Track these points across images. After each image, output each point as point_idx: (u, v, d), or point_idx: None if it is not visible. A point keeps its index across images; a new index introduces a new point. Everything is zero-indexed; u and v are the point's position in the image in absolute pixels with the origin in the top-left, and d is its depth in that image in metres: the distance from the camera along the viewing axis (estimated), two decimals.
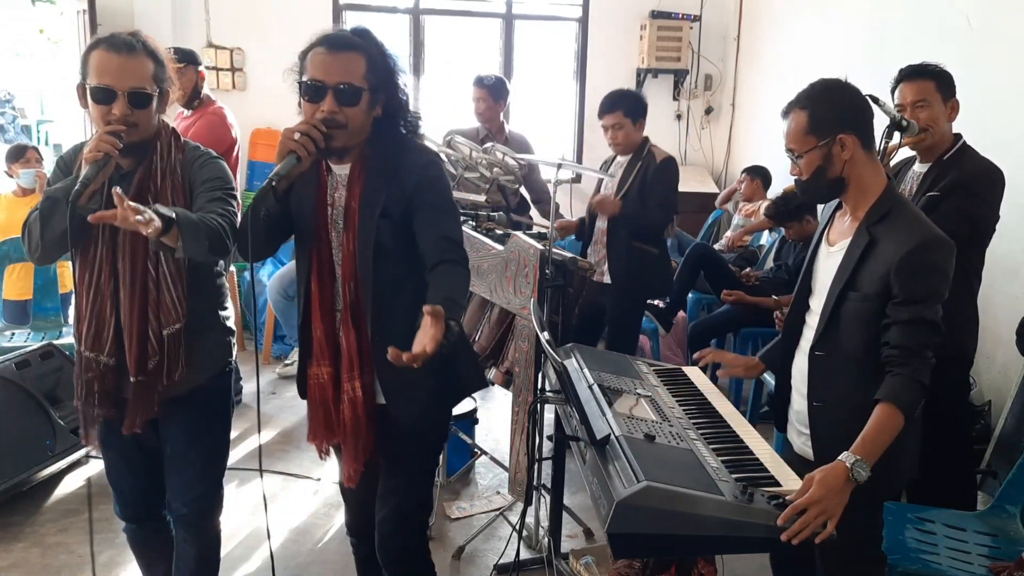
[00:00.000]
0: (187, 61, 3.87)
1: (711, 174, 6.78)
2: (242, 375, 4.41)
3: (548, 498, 2.99)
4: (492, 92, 4.53)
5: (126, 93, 1.92)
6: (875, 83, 2.64)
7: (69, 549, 3.05)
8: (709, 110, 6.81)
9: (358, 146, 1.93)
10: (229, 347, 2.24)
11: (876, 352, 1.84)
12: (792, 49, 5.83)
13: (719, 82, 6.77)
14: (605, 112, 3.66)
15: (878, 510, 2.07)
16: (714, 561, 2.36)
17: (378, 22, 6.73)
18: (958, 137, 2.69)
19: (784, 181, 4.95)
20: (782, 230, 4.54)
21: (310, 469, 3.72)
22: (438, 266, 1.82)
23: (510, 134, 4.64)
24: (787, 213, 4.24)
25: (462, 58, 6.90)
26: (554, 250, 2.77)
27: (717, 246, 5.38)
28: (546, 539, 2.98)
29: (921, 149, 2.71)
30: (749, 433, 1.99)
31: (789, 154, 1.93)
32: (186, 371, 2.08)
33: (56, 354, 3.56)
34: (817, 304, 1.99)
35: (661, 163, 3.62)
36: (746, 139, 6.61)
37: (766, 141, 6.08)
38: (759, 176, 5.60)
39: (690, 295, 4.86)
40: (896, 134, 2.66)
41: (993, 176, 2.62)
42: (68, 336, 4.19)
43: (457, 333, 1.66)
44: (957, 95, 2.69)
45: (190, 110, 4.02)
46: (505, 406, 3.72)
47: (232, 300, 2.39)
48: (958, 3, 4.06)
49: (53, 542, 3.10)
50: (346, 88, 1.84)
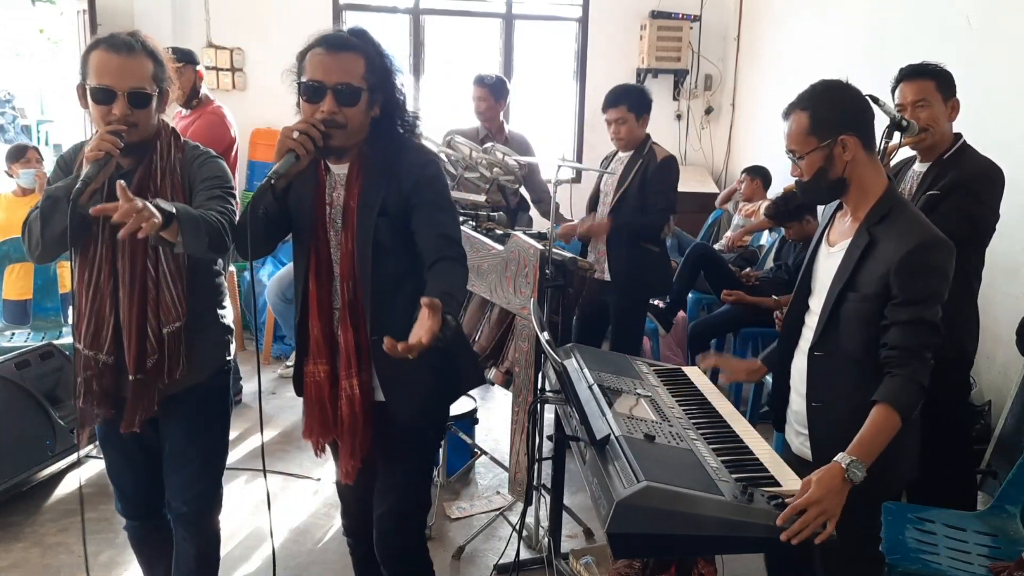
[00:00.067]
0: (185, 61, 3.88)
1: (711, 174, 6.78)
2: (242, 375, 4.42)
3: (548, 498, 2.99)
4: (493, 91, 4.53)
5: (126, 93, 1.93)
6: (875, 83, 2.64)
7: (69, 549, 3.05)
8: (709, 110, 6.81)
9: (356, 146, 1.94)
10: (227, 346, 2.24)
11: (875, 353, 1.84)
12: (792, 49, 5.83)
13: (719, 82, 6.77)
14: (609, 106, 3.65)
15: (876, 511, 2.07)
16: (714, 561, 2.37)
17: (378, 22, 6.73)
18: (958, 136, 2.68)
19: (784, 181, 4.95)
20: (782, 230, 4.54)
21: (310, 469, 3.72)
22: (436, 263, 1.83)
23: (510, 134, 4.64)
24: (787, 213, 4.24)
25: (462, 58, 6.90)
26: (554, 250, 2.78)
27: (717, 246, 5.38)
28: (546, 539, 2.98)
29: (921, 149, 2.71)
30: (749, 433, 1.99)
31: (790, 155, 1.93)
32: (186, 370, 2.09)
33: (56, 354, 3.57)
34: (816, 304, 1.99)
35: (662, 162, 3.62)
36: (746, 139, 6.61)
37: (766, 141, 6.08)
38: (759, 176, 5.61)
39: (690, 295, 4.85)
40: (896, 134, 2.66)
41: (993, 175, 2.62)
42: (68, 336, 4.18)
43: (454, 328, 1.67)
44: (957, 95, 2.69)
45: (189, 109, 4.03)
46: (505, 406, 3.72)
47: (232, 300, 2.40)
48: (958, 3, 4.06)
49: (53, 542, 3.10)
50: (345, 88, 1.85)
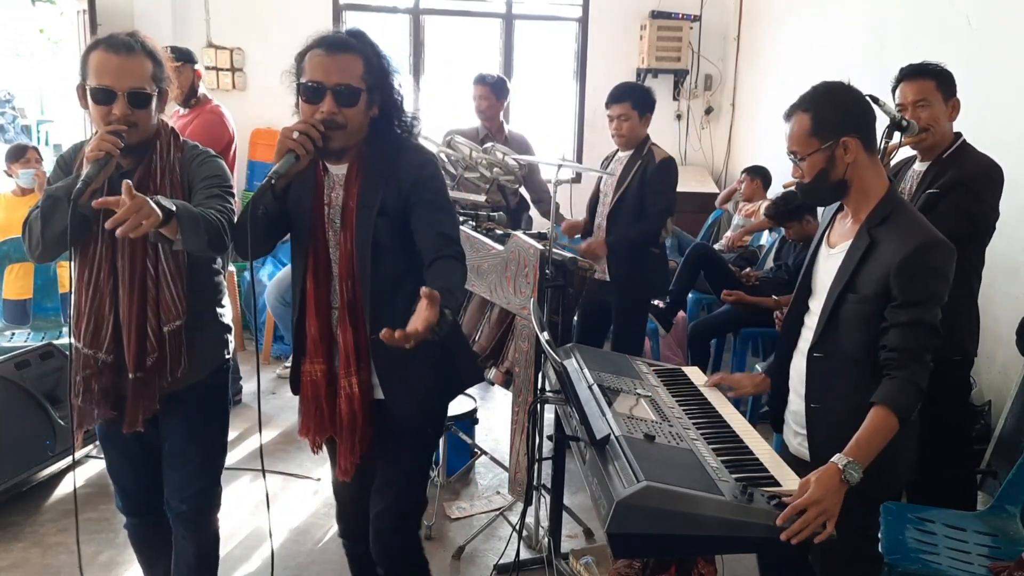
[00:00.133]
0: (184, 60, 3.89)
1: (711, 174, 6.78)
2: (242, 375, 4.43)
3: (548, 498, 2.99)
4: (494, 90, 4.54)
5: (126, 93, 1.94)
6: (875, 83, 2.64)
7: (69, 549, 3.04)
8: (709, 110, 6.81)
9: (355, 146, 1.95)
10: (226, 344, 2.26)
11: (874, 354, 1.84)
12: (792, 49, 5.83)
13: (719, 82, 6.77)
14: (613, 102, 3.64)
15: (874, 511, 2.06)
16: (714, 561, 2.36)
17: (378, 22, 6.73)
18: (958, 135, 2.68)
19: (785, 180, 4.95)
20: (782, 230, 4.55)
21: (310, 469, 3.72)
22: (435, 262, 1.83)
23: (510, 134, 4.64)
24: (787, 213, 4.25)
25: (462, 58, 6.90)
26: (554, 250, 2.78)
27: (717, 246, 5.38)
28: (546, 539, 2.98)
29: (922, 149, 2.71)
30: (749, 433, 1.99)
31: (791, 156, 1.92)
32: (187, 368, 2.10)
33: (56, 354, 3.56)
34: (816, 305, 1.99)
35: (660, 163, 3.61)
36: (746, 139, 6.61)
37: (766, 141, 6.08)
38: (759, 176, 5.61)
39: (690, 295, 4.85)
40: (896, 134, 2.66)
41: (992, 174, 2.62)
42: (68, 336, 4.18)
43: (450, 322, 1.67)
44: (957, 94, 2.69)
45: (187, 109, 4.03)
46: (505, 406, 3.72)
47: (232, 300, 2.40)
48: (958, 3, 4.06)
49: (53, 542, 3.10)
50: (344, 89, 1.86)
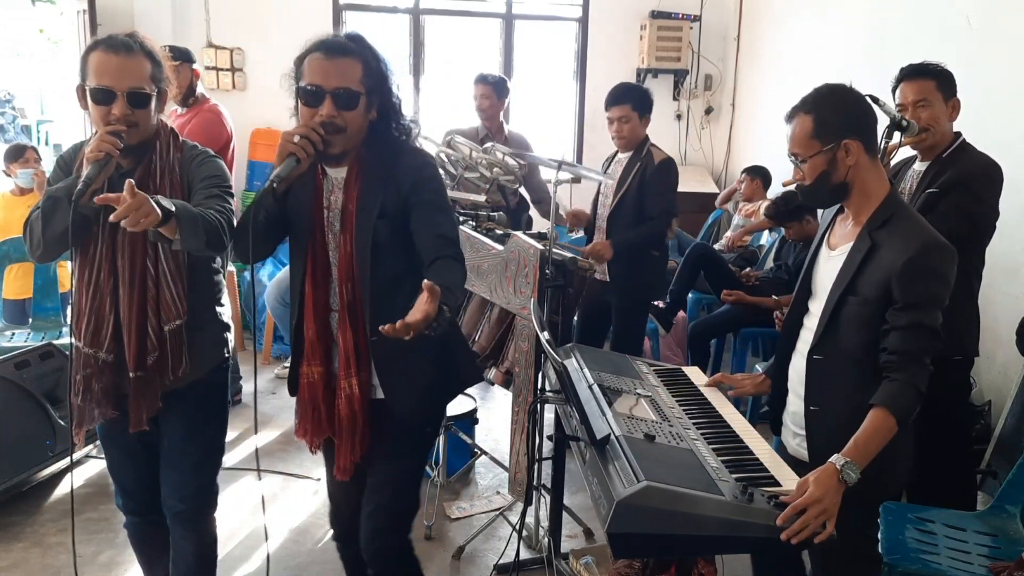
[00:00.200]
0: (182, 59, 3.89)
1: (711, 174, 6.78)
2: (242, 374, 4.43)
3: (548, 498, 2.99)
4: (496, 89, 4.55)
5: (125, 93, 1.95)
6: (875, 83, 2.64)
7: (69, 549, 3.01)
8: (709, 110, 6.81)
9: (354, 149, 1.96)
10: (226, 342, 2.26)
11: (874, 356, 1.84)
12: (792, 49, 5.83)
13: (719, 82, 6.77)
14: (613, 104, 3.62)
15: (873, 512, 2.06)
16: (714, 561, 2.37)
17: (378, 22, 6.73)
18: (958, 135, 2.68)
19: (784, 180, 4.95)
20: (782, 230, 4.55)
21: (310, 469, 3.72)
22: (435, 263, 1.84)
23: (510, 134, 4.64)
24: (787, 213, 4.25)
25: (462, 58, 6.90)
26: (554, 250, 2.78)
27: (717, 246, 5.38)
28: (546, 539, 2.98)
29: (922, 149, 2.70)
30: (749, 433, 1.99)
31: (792, 159, 1.92)
32: (188, 367, 2.11)
33: (56, 354, 3.56)
34: (816, 307, 1.99)
35: (660, 164, 3.60)
36: (746, 139, 6.61)
37: (766, 141, 6.08)
38: (759, 176, 5.61)
39: (690, 295, 4.85)
40: (896, 134, 2.66)
41: (992, 173, 2.62)
42: (68, 336, 4.17)
43: (448, 319, 1.69)
44: (958, 94, 2.69)
45: (185, 108, 4.03)
46: (505, 406, 3.72)
47: (232, 299, 2.41)
48: (958, 3, 4.06)
49: (53, 542, 3.10)
50: (343, 93, 1.87)
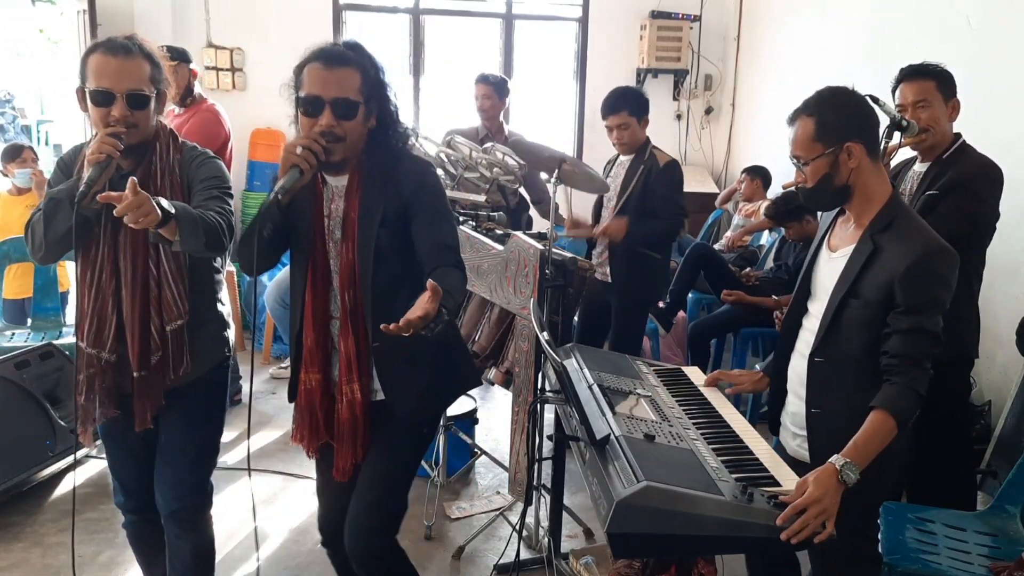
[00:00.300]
0: (179, 59, 3.89)
1: (711, 174, 6.78)
2: (241, 374, 4.43)
3: (548, 498, 2.99)
4: (497, 89, 4.56)
5: (124, 95, 1.97)
6: (875, 83, 2.64)
7: (69, 549, 3.03)
8: (709, 110, 6.81)
9: (354, 157, 1.97)
10: (226, 341, 2.28)
11: (875, 359, 1.84)
12: (792, 49, 5.83)
13: (719, 82, 6.77)
14: (610, 112, 3.59)
15: (872, 512, 2.07)
16: (714, 561, 2.37)
17: (378, 22, 6.73)
18: (958, 136, 2.68)
19: (784, 180, 4.95)
20: (782, 230, 4.55)
21: (310, 469, 3.68)
22: (436, 270, 1.86)
23: (510, 134, 4.64)
24: (787, 213, 4.24)
25: (462, 58, 6.90)
26: (554, 250, 2.78)
27: (717, 246, 5.38)
28: (546, 539, 2.98)
29: (922, 149, 2.71)
30: (749, 433, 1.99)
31: (795, 161, 1.92)
32: (189, 366, 2.12)
33: (56, 354, 3.56)
34: (816, 308, 1.99)
35: (665, 167, 3.58)
36: (746, 139, 6.61)
37: (766, 141, 6.08)
38: (759, 176, 5.61)
39: (690, 295, 4.85)
40: (896, 134, 2.66)
41: (992, 174, 2.62)
42: (68, 336, 4.18)
43: (447, 322, 1.70)
44: (957, 95, 2.69)
45: (182, 108, 4.04)
46: (505, 406, 3.72)
47: (231, 300, 2.42)
48: (958, 3, 4.06)
49: (53, 542, 3.10)
50: (343, 102, 1.89)
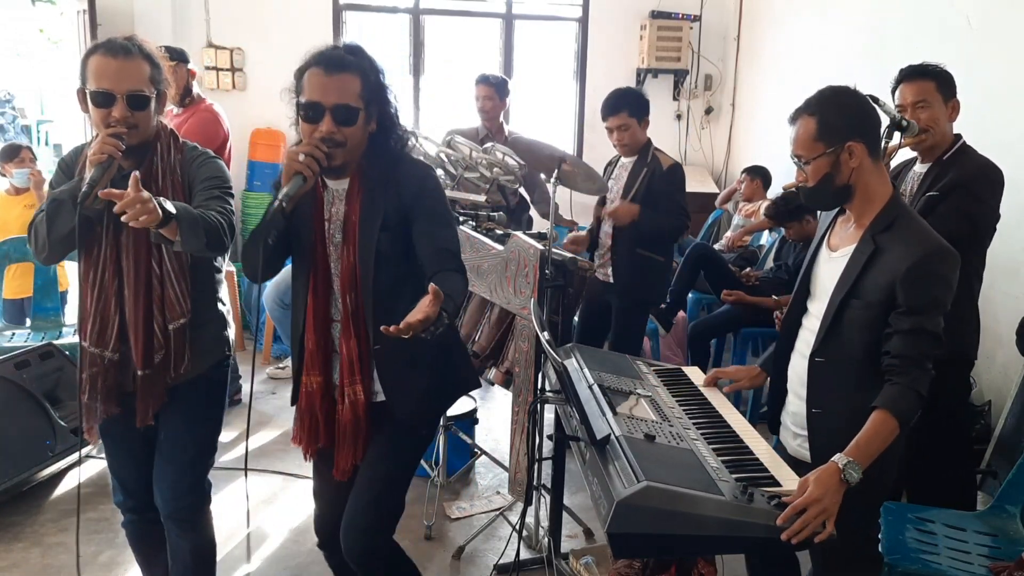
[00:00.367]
0: (178, 59, 3.90)
1: (711, 174, 6.78)
2: (241, 374, 4.43)
3: (548, 498, 2.99)
4: (498, 90, 4.57)
5: (125, 95, 1.98)
6: (875, 83, 2.64)
7: (69, 549, 3.04)
8: (709, 110, 6.81)
9: (355, 161, 1.98)
10: (227, 340, 2.29)
11: (876, 359, 1.84)
12: (792, 49, 5.83)
13: (719, 82, 6.77)
14: (610, 114, 3.58)
15: (873, 512, 2.07)
16: (714, 561, 2.37)
17: (378, 22, 6.73)
18: (958, 137, 2.68)
19: (784, 180, 4.95)
20: (782, 230, 4.54)
21: (309, 469, 3.69)
22: (437, 275, 1.87)
23: (510, 134, 4.64)
24: (787, 213, 4.24)
25: (462, 58, 6.90)
26: (554, 250, 2.78)
27: (717, 246, 5.38)
28: (546, 539, 2.98)
29: (922, 150, 2.71)
30: (749, 433, 1.99)
31: (796, 160, 1.92)
32: (191, 364, 2.14)
33: (56, 354, 3.56)
34: (816, 308, 1.99)
35: (668, 169, 3.57)
36: (746, 139, 6.61)
37: (766, 141, 6.08)
38: (759, 176, 5.61)
39: (690, 295, 4.85)
40: (896, 134, 2.66)
41: (992, 175, 2.62)
42: (68, 336, 4.19)
43: (447, 325, 1.71)
44: (957, 95, 2.69)
45: (181, 108, 4.05)
46: (505, 406, 3.72)
47: (232, 300, 2.43)
48: (958, 3, 4.06)
49: (53, 542, 3.10)
50: (343, 109, 1.89)
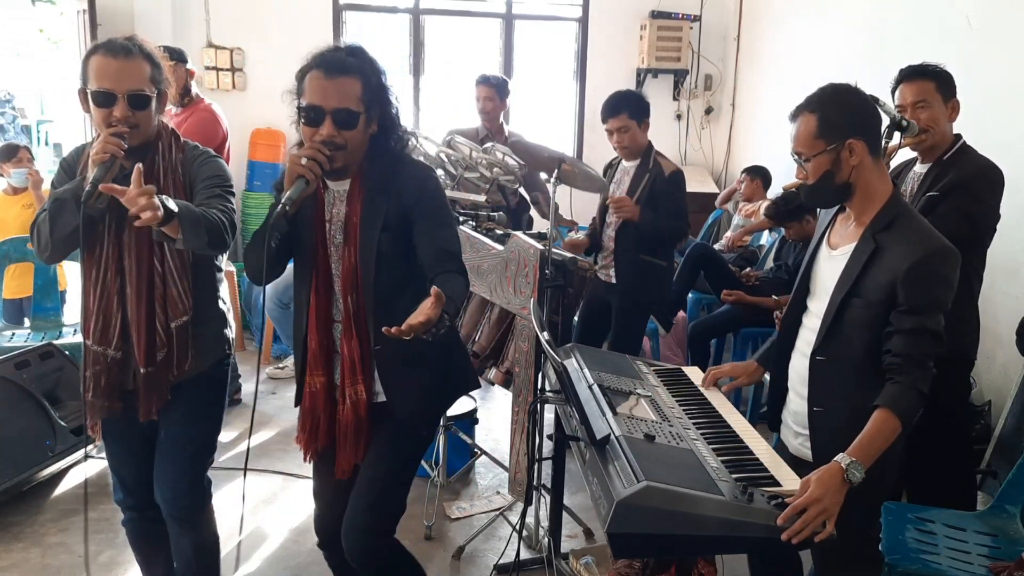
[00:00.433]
0: (176, 59, 3.90)
1: (711, 174, 6.78)
2: (241, 373, 4.43)
3: (548, 498, 2.99)
4: (499, 91, 4.58)
5: (125, 95, 1.99)
6: (875, 83, 2.64)
7: (69, 549, 3.05)
8: (709, 110, 6.81)
9: (356, 163, 1.98)
10: (227, 338, 2.30)
11: (877, 357, 1.84)
12: (792, 49, 5.83)
13: (719, 82, 6.77)
14: (609, 116, 3.57)
15: (873, 511, 2.07)
16: (714, 561, 2.37)
17: (378, 22, 6.73)
18: (958, 137, 2.68)
19: (784, 181, 4.95)
20: (782, 230, 4.54)
21: (310, 469, 3.70)
22: (438, 276, 1.87)
23: (510, 135, 4.64)
24: (787, 213, 4.24)
25: (462, 58, 6.90)
26: (554, 250, 2.78)
27: (717, 246, 5.38)
28: (546, 539, 2.98)
29: (922, 150, 2.71)
30: (749, 433, 2.00)
31: (796, 158, 1.92)
32: (193, 361, 2.15)
33: (56, 354, 3.56)
34: (816, 306, 1.99)
35: (670, 176, 3.55)
36: (746, 139, 6.61)
37: (766, 141, 6.08)
38: (759, 176, 5.61)
39: (690, 295, 4.85)
40: (896, 134, 2.66)
41: (992, 175, 2.62)
42: (68, 336, 4.19)
43: (448, 327, 1.72)
44: (957, 95, 2.69)
45: (179, 107, 4.06)
46: (505, 406, 3.72)
47: (232, 300, 2.44)
48: (958, 3, 4.06)
49: (53, 542, 3.10)
50: (343, 113, 1.89)
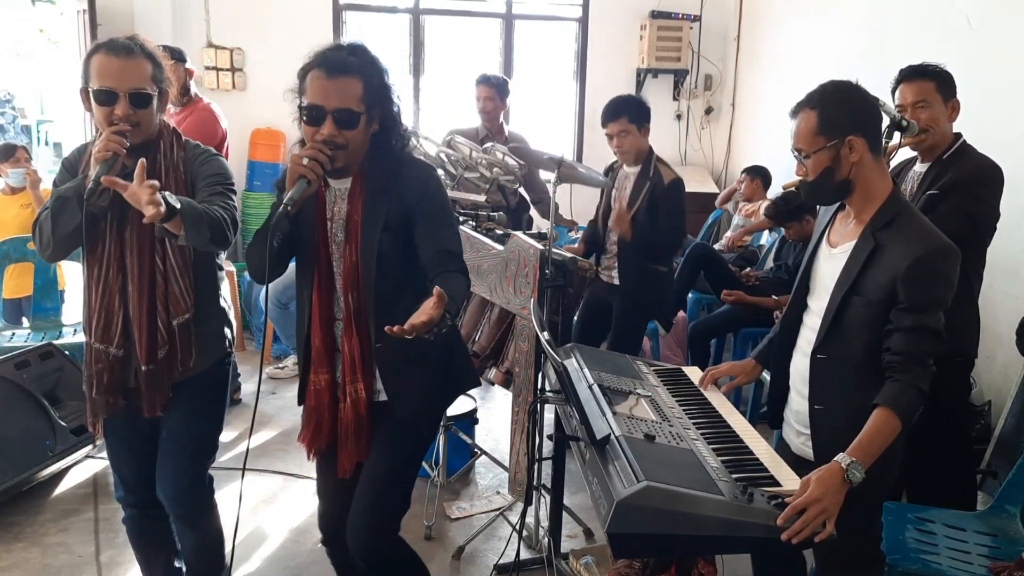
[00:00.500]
0: (175, 59, 3.91)
1: (711, 174, 6.78)
2: (241, 373, 4.43)
3: (548, 498, 2.99)
4: (499, 91, 4.58)
5: (127, 94, 2.00)
6: (875, 83, 2.63)
7: (69, 549, 3.05)
8: (709, 110, 6.81)
9: (357, 162, 1.99)
10: (228, 337, 2.30)
11: (877, 356, 1.84)
12: (792, 49, 5.83)
13: (719, 82, 6.77)
14: (609, 120, 3.57)
15: (874, 511, 2.07)
16: (714, 561, 2.37)
17: (378, 22, 6.73)
18: (958, 136, 2.68)
19: (784, 180, 4.95)
20: (782, 230, 4.55)
21: (310, 469, 3.69)
22: (439, 276, 1.87)
23: (510, 135, 4.65)
24: (787, 213, 4.24)
25: (462, 58, 6.91)
26: (554, 250, 2.78)
27: (717, 246, 5.38)
28: (546, 539, 2.98)
29: (922, 149, 2.71)
30: (749, 433, 2.00)
31: (796, 154, 1.92)
32: (196, 359, 2.17)
33: (56, 354, 3.56)
34: (816, 304, 1.99)
35: (670, 184, 3.54)
36: (746, 139, 6.61)
37: (766, 141, 6.09)
38: (759, 176, 5.61)
39: (690, 295, 4.85)
40: (896, 134, 2.66)
41: (992, 174, 2.62)
42: (68, 336, 4.19)
43: (449, 326, 1.73)
44: (957, 95, 2.69)
45: (179, 107, 4.06)
46: (505, 406, 3.72)
47: (232, 299, 2.44)
48: (958, 3, 4.06)
49: (53, 542, 3.10)
50: (344, 113, 1.90)
